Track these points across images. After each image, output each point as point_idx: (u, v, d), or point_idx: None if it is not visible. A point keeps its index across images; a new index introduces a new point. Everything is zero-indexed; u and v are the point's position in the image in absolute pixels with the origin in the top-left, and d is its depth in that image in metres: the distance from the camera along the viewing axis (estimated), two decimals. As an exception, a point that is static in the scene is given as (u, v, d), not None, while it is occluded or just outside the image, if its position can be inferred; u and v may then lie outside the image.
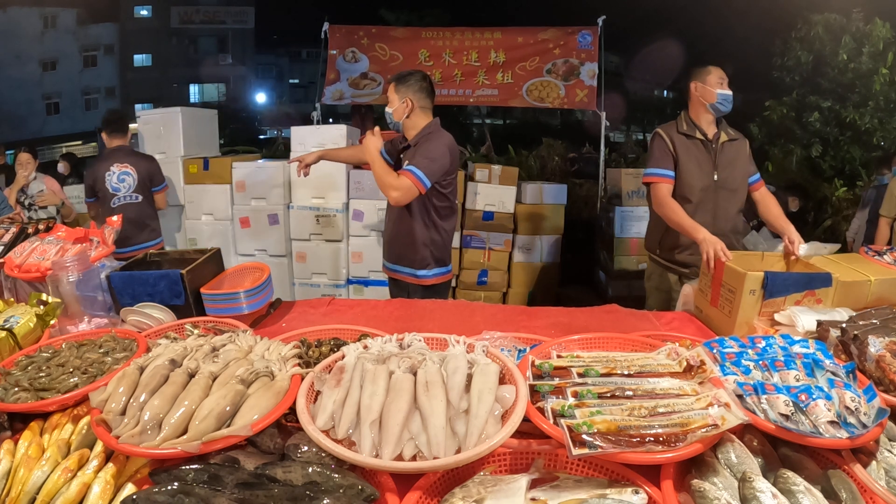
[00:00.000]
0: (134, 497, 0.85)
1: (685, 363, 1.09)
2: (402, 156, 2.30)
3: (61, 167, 6.39)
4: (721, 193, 2.24)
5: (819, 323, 1.39)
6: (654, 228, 2.42)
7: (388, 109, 2.26)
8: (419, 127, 2.25)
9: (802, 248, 1.82)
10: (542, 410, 0.98)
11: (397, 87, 2.21)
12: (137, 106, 16.11)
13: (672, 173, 2.23)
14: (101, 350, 1.32)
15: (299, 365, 1.18)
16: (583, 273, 4.78)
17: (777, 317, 1.54)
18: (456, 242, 3.94)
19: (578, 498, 0.86)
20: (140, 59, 23.88)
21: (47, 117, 21.54)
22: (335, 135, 3.76)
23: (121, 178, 3.41)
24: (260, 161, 4.15)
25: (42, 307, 1.55)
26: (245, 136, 14.65)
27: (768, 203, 2.28)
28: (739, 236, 2.33)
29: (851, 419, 0.96)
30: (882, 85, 5.73)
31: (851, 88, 6.04)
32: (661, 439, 0.89)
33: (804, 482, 0.86)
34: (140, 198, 3.43)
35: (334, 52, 4.96)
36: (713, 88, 2.19)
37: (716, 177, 2.23)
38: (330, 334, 1.44)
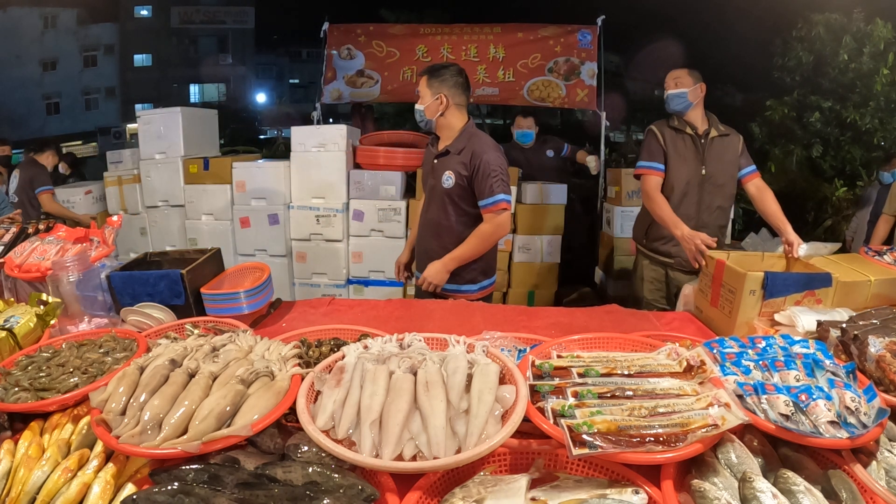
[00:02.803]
0: (134, 497, 0.85)
1: (685, 363, 1.09)
2: (435, 161, 2.12)
3: (62, 167, 6.40)
4: (707, 187, 2.31)
5: (819, 323, 1.39)
6: (642, 219, 2.50)
7: (418, 106, 2.08)
8: (455, 128, 2.08)
9: (802, 249, 1.82)
10: (542, 410, 0.98)
11: (430, 82, 2.03)
12: (137, 106, 16.12)
13: (662, 166, 2.33)
14: (101, 350, 1.32)
15: (299, 365, 1.18)
16: (583, 273, 4.78)
17: (777, 317, 1.54)
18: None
19: (578, 498, 0.86)
20: (140, 59, 23.84)
21: (47, 117, 21.52)
22: (335, 135, 3.75)
23: (13, 180, 4.37)
24: (260, 161, 4.14)
25: (42, 307, 1.55)
26: (245, 136, 14.64)
27: (765, 197, 2.30)
28: (724, 229, 2.41)
29: (851, 419, 0.96)
30: (883, 85, 5.71)
31: (852, 89, 6.03)
32: (661, 439, 0.89)
33: (804, 482, 0.86)
34: (17, 199, 4.24)
35: (333, 51, 4.95)
36: (665, 90, 2.31)
37: (703, 171, 2.30)
38: (330, 334, 1.44)
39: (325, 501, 0.83)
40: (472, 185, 2.02)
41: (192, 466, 0.91)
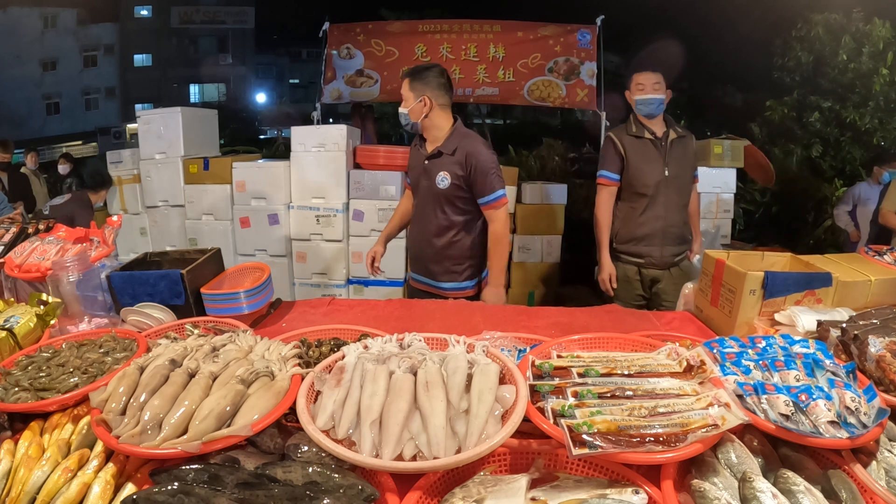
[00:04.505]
0: (134, 497, 0.85)
1: (685, 363, 1.09)
2: (426, 162, 2.13)
3: (62, 167, 6.42)
4: (672, 187, 2.42)
5: (819, 323, 1.39)
6: (613, 221, 2.61)
7: (402, 109, 2.09)
8: (443, 128, 2.09)
9: (696, 259, 2.09)
10: (542, 410, 0.97)
11: (412, 84, 2.03)
12: (137, 106, 16.10)
13: (616, 176, 2.47)
14: (101, 350, 1.32)
15: (299, 365, 1.18)
16: (583, 273, 4.78)
17: (777, 317, 1.54)
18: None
19: (578, 498, 0.86)
20: (140, 59, 23.83)
21: (47, 117, 21.53)
22: (335, 135, 3.76)
23: (59, 199, 3.99)
24: (260, 161, 4.15)
25: (42, 307, 1.55)
26: (245, 136, 14.61)
27: (694, 200, 2.59)
28: (688, 225, 2.56)
29: (851, 419, 0.95)
30: (882, 85, 5.71)
31: (851, 89, 6.03)
32: (661, 439, 0.89)
33: (804, 482, 0.86)
34: (48, 212, 4.05)
35: (333, 51, 4.95)
36: (633, 95, 2.41)
37: (666, 172, 2.40)
38: (330, 334, 1.44)
39: (325, 501, 0.83)
40: (470, 184, 2.05)
41: (192, 466, 0.91)
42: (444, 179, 2.07)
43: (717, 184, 4.04)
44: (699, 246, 2.59)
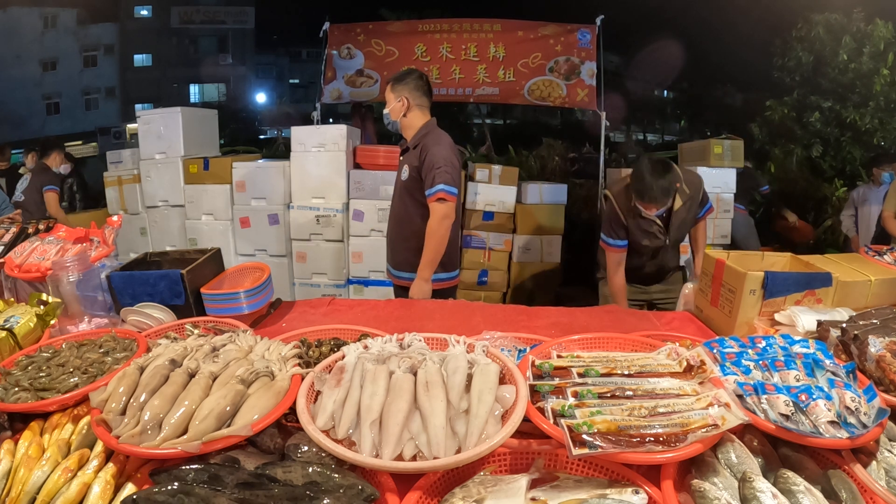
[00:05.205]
0: (134, 497, 0.85)
1: (685, 363, 1.09)
2: (401, 158, 2.28)
3: (63, 167, 6.42)
4: (669, 249, 2.46)
5: (819, 323, 1.39)
6: (599, 252, 2.60)
7: (385, 110, 2.27)
8: (416, 127, 2.23)
9: (687, 286, 2.04)
10: (542, 410, 0.98)
11: (393, 87, 2.22)
12: (137, 106, 16.09)
13: (624, 242, 2.39)
14: (101, 350, 1.32)
15: (299, 365, 1.18)
16: (583, 273, 4.78)
17: (777, 317, 1.54)
18: (456, 242, 3.93)
19: (578, 498, 0.86)
20: (140, 59, 23.82)
21: (47, 117, 21.51)
22: (335, 135, 3.76)
23: (23, 182, 4.71)
24: (260, 161, 4.15)
25: (42, 307, 1.55)
26: (245, 136, 14.62)
27: (699, 232, 2.53)
28: (679, 254, 2.60)
29: (851, 419, 0.95)
30: (882, 85, 5.72)
31: (852, 89, 6.04)
32: (661, 439, 0.89)
33: (804, 482, 0.86)
34: (23, 198, 4.53)
35: (333, 51, 4.95)
36: (644, 210, 2.25)
37: (667, 241, 2.38)
38: (330, 334, 1.44)
39: (325, 501, 0.83)
40: (421, 176, 2.15)
41: (192, 466, 0.91)
42: (405, 172, 2.21)
43: (717, 184, 4.04)
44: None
